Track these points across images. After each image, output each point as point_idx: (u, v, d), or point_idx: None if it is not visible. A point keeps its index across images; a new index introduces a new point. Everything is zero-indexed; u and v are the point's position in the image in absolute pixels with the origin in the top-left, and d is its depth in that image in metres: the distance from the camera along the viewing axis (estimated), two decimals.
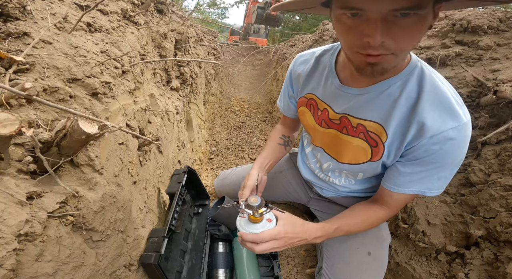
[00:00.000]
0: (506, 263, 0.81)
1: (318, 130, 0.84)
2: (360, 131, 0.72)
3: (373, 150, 0.71)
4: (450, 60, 1.40)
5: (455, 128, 0.59)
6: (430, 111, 0.60)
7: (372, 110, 0.68)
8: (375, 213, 0.78)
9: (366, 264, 0.88)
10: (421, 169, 0.67)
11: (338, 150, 0.80)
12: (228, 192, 1.29)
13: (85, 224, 0.56)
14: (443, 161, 0.63)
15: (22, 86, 0.48)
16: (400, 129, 0.65)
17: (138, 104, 0.90)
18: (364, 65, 0.54)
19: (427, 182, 0.68)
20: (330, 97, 0.76)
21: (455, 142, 0.60)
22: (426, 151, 0.63)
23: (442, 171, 0.66)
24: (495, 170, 0.96)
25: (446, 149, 0.61)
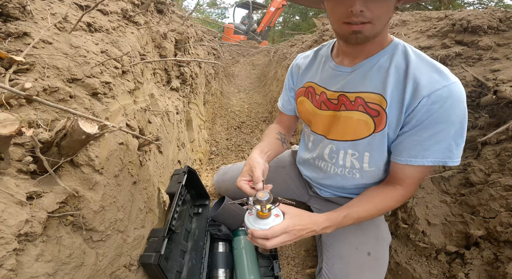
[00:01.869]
0: (506, 263, 0.81)
1: (317, 114, 0.86)
2: (359, 104, 0.75)
3: (375, 120, 0.73)
4: (450, 60, 1.40)
5: (449, 86, 0.63)
6: (421, 73, 0.66)
7: (367, 82, 0.73)
8: (387, 195, 0.76)
9: (365, 264, 0.88)
10: (430, 133, 0.66)
11: (339, 130, 0.81)
12: (229, 188, 1.28)
13: (85, 224, 0.56)
14: (449, 118, 0.64)
15: (22, 86, 0.48)
16: (396, 92, 0.69)
17: (138, 104, 0.90)
18: (350, 34, 0.64)
19: (444, 148, 0.67)
20: (327, 79, 0.82)
21: (454, 99, 0.64)
22: (428, 111, 0.65)
23: (452, 131, 0.65)
24: (495, 170, 0.96)
25: (447, 106, 0.63)
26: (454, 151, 0.67)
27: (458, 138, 0.67)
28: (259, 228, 0.64)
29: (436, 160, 0.68)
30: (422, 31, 1.83)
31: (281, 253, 1.17)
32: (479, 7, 10.85)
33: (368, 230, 0.91)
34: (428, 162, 0.69)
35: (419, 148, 0.69)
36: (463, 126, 0.67)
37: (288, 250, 1.19)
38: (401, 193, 0.75)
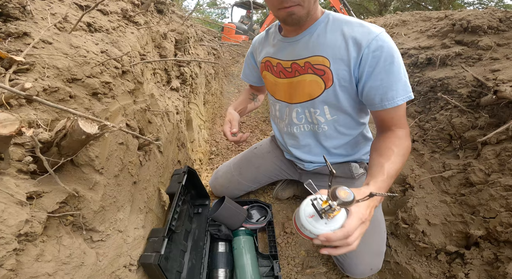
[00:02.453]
0: (506, 263, 0.81)
1: (278, 83, 0.99)
2: (308, 67, 0.88)
3: (323, 78, 0.86)
4: (450, 60, 1.40)
5: (379, 35, 0.77)
6: (354, 31, 0.80)
7: (310, 48, 0.86)
8: (394, 138, 0.81)
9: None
10: (387, 73, 0.78)
11: (298, 93, 0.94)
12: (223, 184, 1.33)
13: (85, 224, 0.56)
14: (393, 59, 0.77)
15: (22, 86, 0.48)
16: (338, 51, 0.82)
17: (138, 104, 0.90)
18: (285, 17, 0.77)
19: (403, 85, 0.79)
20: (278, 51, 0.95)
21: (386, 43, 0.77)
22: (374, 57, 0.77)
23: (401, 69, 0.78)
24: (495, 170, 0.96)
25: (386, 49, 0.76)
26: (409, 85, 0.80)
27: (406, 74, 0.80)
28: (333, 229, 0.54)
29: (404, 97, 0.79)
30: (422, 31, 1.83)
31: (281, 253, 1.17)
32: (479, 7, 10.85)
33: None
34: (399, 101, 0.79)
35: (383, 90, 0.79)
36: (403, 64, 0.80)
37: (288, 250, 1.19)
38: (401, 131, 0.83)
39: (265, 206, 1.28)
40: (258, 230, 1.20)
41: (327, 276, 1.08)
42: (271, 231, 1.20)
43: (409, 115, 1.46)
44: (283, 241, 1.22)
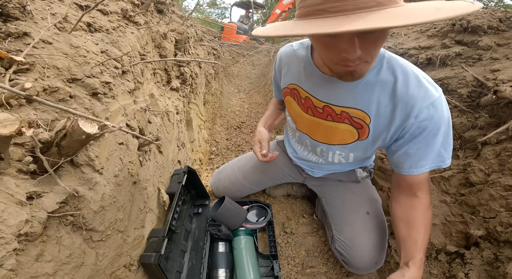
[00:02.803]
0: (506, 263, 0.81)
1: (304, 117, 0.93)
2: (345, 118, 0.81)
3: (359, 131, 0.82)
4: (450, 60, 1.40)
5: (433, 103, 0.69)
6: (407, 93, 0.70)
7: (352, 98, 0.77)
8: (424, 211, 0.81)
9: (368, 223, 1.00)
10: (424, 145, 0.73)
11: (326, 135, 0.90)
12: (225, 185, 1.32)
13: (85, 224, 0.56)
14: (438, 131, 0.71)
15: (22, 86, 0.48)
16: (383, 110, 0.74)
17: (138, 104, 0.90)
18: (344, 73, 0.64)
19: (436, 156, 0.74)
20: (313, 87, 0.84)
21: (440, 113, 0.70)
22: (418, 127, 0.72)
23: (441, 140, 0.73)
24: (495, 170, 0.96)
25: (435, 121, 0.70)
26: (445, 155, 0.75)
27: (445, 145, 0.74)
28: None
29: (432, 166, 0.76)
30: (422, 31, 1.83)
31: (281, 253, 1.17)
32: None
33: (361, 194, 1.06)
34: (425, 169, 0.76)
35: (416, 159, 0.76)
36: (449, 134, 0.74)
37: (288, 250, 1.19)
38: (426, 199, 0.81)
39: (265, 206, 1.28)
40: (258, 230, 1.20)
41: (327, 276, 1.08)
42: (271, 231, 1.20)
43: None
44: (283, 241, 1.22)
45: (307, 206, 1.41)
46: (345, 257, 1.00)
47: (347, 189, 1.09)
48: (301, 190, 1.43)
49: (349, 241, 0.99)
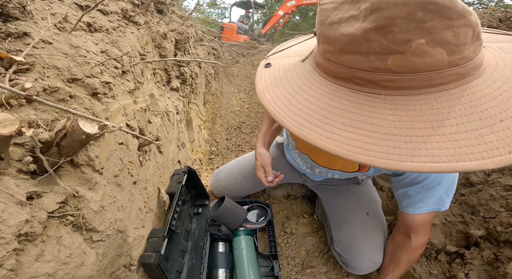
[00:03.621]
0: (506, 263, 0.81)
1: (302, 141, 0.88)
2: None
3: (359, 165, 0.81)
4: None
5: None
6: None
7: None
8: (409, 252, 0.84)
9: (367, 223, 1.00)
10: (424, 190, 0.72)
11: (327, 160, 0.90)
12: (225, 186, 1.32)
13: (85, 224, 0.56)
14: (442, 180, 0.69)
15: (22, 86, 0.48)
16: None
17: (138, 104, 0.90)
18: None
19: (437, 200, 0.72)
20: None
21: None
22: (416, 177, 0.70)
23: (444, 186, 0.70)
24: (495, 170, 0.96)
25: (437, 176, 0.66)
26: (445, 200, 0.73)
27: (448, 191, 0.72)
28: None
29: (430, 208, 0.74)
30: None
31: (281, 253, 1.17)
32: (479, 7, 10.83)
33: (361, 195, 1.06)
34: (423, 210, 0.75)
35: (414, 200, 0.75)
36: (455, 181, 0.71)
37: (288, 250, 1.19)
38: (419, 240, 0.81)
39: (265, 206, 1.28)
40: (258, 230, 1.20)
41: (327, 276, 1.08)
42: (271, 231, 1.20)
43: None
44: (283, 241, 1.22)
45: (307, 206, 1.41)
46: (344, 257, 1.00)
47: (347, 190, 1.09)
48: (301, 190, 1.43)
49: (348, 241, 0.99)
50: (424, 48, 0.28)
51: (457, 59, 0.30)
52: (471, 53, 0.31)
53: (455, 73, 0.30)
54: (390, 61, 0.29)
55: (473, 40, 0.31)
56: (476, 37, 0.31)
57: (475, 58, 0.31)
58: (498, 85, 0.30)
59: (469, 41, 0.30)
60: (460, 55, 0.30)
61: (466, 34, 0.30)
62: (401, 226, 0.85)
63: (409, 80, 0.30)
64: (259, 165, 0.98)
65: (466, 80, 0.31)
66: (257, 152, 1.01)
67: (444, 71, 0.30)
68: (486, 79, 0.31)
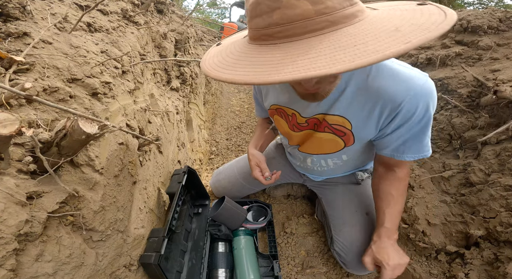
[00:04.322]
0: (506, 263, 0.81)
1: (292, 135, 0.93)
2: (324, 126, 0.79)
3: (343, 139, 0.80)
4: (450, 60, 1.40)
5: (415, 95, 0.63)
6: (386, 88, 0.65)
7: (331, 105, 0.74)
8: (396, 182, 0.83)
9: (367, 223, 1.00)
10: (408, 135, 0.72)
11: (313, 146, 0.90)
12: (225, 186, 1.33)
13: (85, 224, 0.56)
14: (421, 121, 0.68)
15: (22, 86, 0.48)
16: (363, 112, 0.71)
17: (138, 104, 0.90)
18: (306, 95, 0.63)
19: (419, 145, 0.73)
20: (295, 103, 0.82)
21: (423, 103, 0.65)
22: (403, 117, 0.68)
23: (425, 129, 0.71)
24: (495, 170, 0.96)
25: (418, 112, 0.66)
26: (428, 145, 0.75)
27: (428, 133, 0.72)
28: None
29: (414, 156, 0.75)
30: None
31: (281, 253, 1.17)
32: (479, 7, 10.83)
33: (360, 195, 1.07)
34: (408, 157, 0.76)
35: (399, 145, 0.75)
36: (430, 122, 0.71)
37: (288, 250, 1.19)
38: (403, 171, 0.83)
39: (265, 206, 1.28)
40: (258, 230, 1.20)
41: (327, 276, 1.08)
42: (271, 231, 1.20)
43: None
44: (283, 241, 1.22)
45: (307, 206, 1.41)
46: (343, 258, 1.00)
47: (347, 190, 1.09)
48: (301, 190, 1.43)
49: (347, 242, 0.99)
50: (292, 1, 0.39)
51: (321, 8, 0.39)
52: (335, 4, 0.40)
53: (324, 21, 0.39)
54: (274, 16, 0.40)
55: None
56: None
57: (342, 9, 0.40)
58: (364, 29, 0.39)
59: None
60: (324, 5, 0.39)
61: None
62: (382, 162, 0.86)
63: (290, 29, 0.40)
64: (254, 164, 0.99)
65: (339, 27, 0.40)
66: (250, 153, 1.03)
67: (314, 18, 0.39)
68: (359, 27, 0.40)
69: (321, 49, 0.37)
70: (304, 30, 0.40)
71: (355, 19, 0.41)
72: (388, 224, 0.82)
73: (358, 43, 0.37)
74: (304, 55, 0.38)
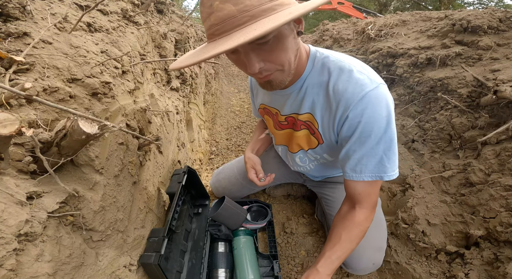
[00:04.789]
0: (506, 263, 0.81)
1: (277, 133, 0.97)
2: (300, 124, 0.83)
3: (315, 136, 0.82)
4: (450, 60, 1.40)
5: (362, 99, 0.64)
6: (338, 90, 0.68)
7: (300, 104, 0.78)
8: (350, 225, 0.77)
9: None
10: (358, 146, 0.69)
11: (296, 144, 0.92)
12: (225, 186, 1.33)
13: (85, 224, 0.56)
14: (372, 132, 0.66)
15: (22, 86, 0.48)
16: (324, 113, 0.74)
17: (138, 104, 0.90)
18: (263, 83, 0.66)
19: (376, 163, 0.69)
20: (275, 102, 0.88)
21: (369, 110, 0.64)
22: (350, 126, 0.68)
23: (381, 145, 0.67)
24: (495, 170, 0.96)
25: (364, 119, 0.65)
26: (387, 165, 0.69)
27: (387, 151, 0.68)
28: None
29: (373, 175, 0.71)
30: (422, 31, 1.83)
31: (281, 253, 1.17)
32: (479, 7, 10.84)
33: None
34: (366, 177, 0.71)
35: (356, 163, 0.71)
36: (391, 138, 0.67)
37: (288, 250, 1.19)
38: (363, 213, 0.77)
39: (265, 206, 1.28)
40: (258, 230, 1.20)
41: None
42: (271, 231, 1.20)
43: (409, 115, 1.46)
44: (283, 241, 1.22)
45: (307, 206, 1.41)
46: None
47: None
48: (301, 190, 1.43)
49: None
50: (219, 6, 0.49)
51: (241, 7, 0.48)
52: (253, 2, 0.49)
53: (245, 16, 0.49)
54: (212, 19, 0.51)
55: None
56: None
57: (260, 5, 0.49)
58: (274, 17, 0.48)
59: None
60: (243, 4, 0.48)
61: None
62: (347, 197, 0.81)
63: (222, 27, 0.50)
64: (249, 166, 1.03)
65: (258, 19, 0.49)
66: (246, 156, 1.07)
67: (237, 16, 0.49)
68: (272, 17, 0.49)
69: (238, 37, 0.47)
70: (231, 26, 0.50)
71: (272, 11, 0.50)
72: (321, 267, 0.74)
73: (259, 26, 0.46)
74: (225, 42, 0.48)
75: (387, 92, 0.66)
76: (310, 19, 14.46)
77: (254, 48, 0.56)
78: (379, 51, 1.93)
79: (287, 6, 0.52)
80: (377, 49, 1.97)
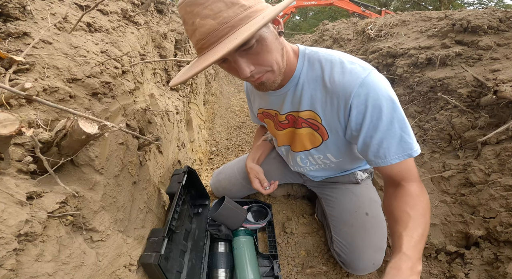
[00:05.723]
0: (506, 263, 0.81)
1: (279, 134, 0.98)
2: (302, 122, 0.84)
3: (319, 133, 0.83)
4: (450, 60, 1.40)
5: (361, 85, 0.67)
6: (335, 82, 0.70)
7: (297, 103, 0.80)
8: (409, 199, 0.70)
9: (367, 223, 1.00)
10: (378, 133, 0.69)
11: (298, 143, 0.93)
12: (225, 186, 1.33)
13: (85, 224, 0.56)
14: (381, 114, 0.67)
15: (22, 86, 0.48)
16: (326, 106, 0.75)
17: (138, 104, 0.90)
18: (257, 86, 0.70)
19: (399, 142, 0.69)
20: (273, 104, 0.89)
21: (372, 91, 0.66)
22: (358, 113, 0.69)
23: (395, 123, 0.67)
24: (495, 170, 0.96)
25: (370, 102, 0.67)
26: (409, 141, 0.69)
27: (404, 128, 0.69)
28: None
29: (400, 156, 0.70)
30: (422, 31, 1.83)
31: (281, 253, 1.17)
32: (479, 7, 10.85)
33: (360, 195, 1.06)
34: (394, 159, 0.71)
35: (377, 148, 0.71)
36: (402, 115, 0.68)
37: (288, 250, 1.19)
38: (413, 185, 0.72)
39: (265, 206, 1.28)
40: (258, 230, 1.20)
41: (327, 276, 1.08)
42: (271, 231, 1.20)
43: (409, 115, 1.46)
44: (283, 241, 1.22)
45: (307, 206, 1.41)
46: (343, 258, 1.00)
47: (347, 190, 1.09)
48: (301, 190, 1.43)
49: (347, 242, 1.00)
50: (201, 22, 0.54)
51: (220, 20, 0.53)
52: (230, 14, 0.53)
53: (226, 27, 0.53)
54: (197, 35, 0.56)
55: (228, 7, 0.53)
56: (230, 4, 0.53)
57: (236, 15, 0.53)
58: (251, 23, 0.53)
59: (223, 9, 0.53)
60: (221, 18, 0.53)
61: (218, 6, 0.53)
62: (386, 180, 0.78)
63: (207, 41, 0.55)
64: (253, 176, 1.07)
65: (237, 28, 0.53)
66: (248, 167, 1.11)
67: (218, 29, 0.53)
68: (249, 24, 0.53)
69: (222, 47, 0.52)
70: (216, 38, 0.54)
71: (249, 19, 0.54)
72: (408, 250, 0.61)
73: (239, 35, 0.51)
74: (214, 53, 0.53)
75: (380, 75, 0.69)
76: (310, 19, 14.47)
77: (242, 55, 0.59)
78: (379, 51, 1.93)
79: (261, 11, 0.56)
80: (377, 49, 1.97)
